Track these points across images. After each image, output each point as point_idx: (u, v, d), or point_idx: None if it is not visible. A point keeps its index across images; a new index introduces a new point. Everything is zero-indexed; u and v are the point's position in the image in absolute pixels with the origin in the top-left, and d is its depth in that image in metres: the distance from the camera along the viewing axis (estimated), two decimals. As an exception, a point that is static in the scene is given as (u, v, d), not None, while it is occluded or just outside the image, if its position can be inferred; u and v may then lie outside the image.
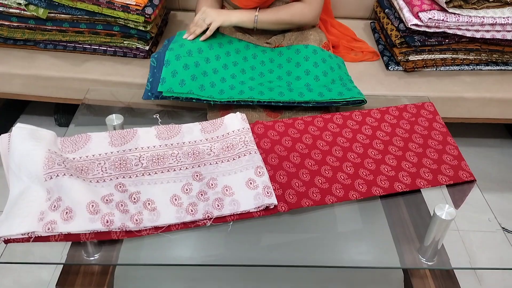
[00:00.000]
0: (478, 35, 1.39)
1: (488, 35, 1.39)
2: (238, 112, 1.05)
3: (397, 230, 0.91)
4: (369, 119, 1.11)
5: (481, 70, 1.50)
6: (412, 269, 0.87)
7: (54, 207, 0.80)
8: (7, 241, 0.78)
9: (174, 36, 1.26)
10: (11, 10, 1.37)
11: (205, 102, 1.13)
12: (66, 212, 0.79)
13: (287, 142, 1.03)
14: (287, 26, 1.32)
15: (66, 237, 0.79)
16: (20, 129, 0.90)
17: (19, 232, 0.77)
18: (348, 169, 0.97)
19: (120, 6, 1.31)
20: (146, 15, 1.34)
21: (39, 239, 0.78)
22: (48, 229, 0.77)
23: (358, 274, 1.27)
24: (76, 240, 0.79)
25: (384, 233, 0.92)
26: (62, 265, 0.86)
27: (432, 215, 0.84)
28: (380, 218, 0.94)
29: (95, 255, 0.82)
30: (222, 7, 1.38)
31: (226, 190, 0.88)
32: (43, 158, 0.85)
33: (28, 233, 0.77)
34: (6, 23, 1.41)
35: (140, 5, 1.31)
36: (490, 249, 0.91)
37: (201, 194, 0.88)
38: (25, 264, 0.85)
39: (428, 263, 0.85)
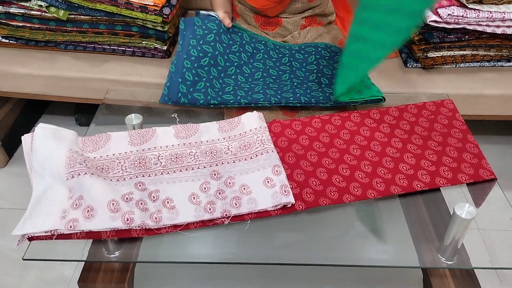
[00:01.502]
0: (499, 30, 1.36)
1: (509, 31, 1.37)
2: (255, 111, 1.06)
3: (416, 229, 0.90)
4: (388, 117, 1.10)
5: (502, 66, 1.48)
6: (432, 269, 0.86)
7: (76, 205, 0.82)
8: (30, 239, 0.80)
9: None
10: (32, 12, 1.40)
11: (222, 106, 1.15)
12: (88, 211, 0.81)
13: (304, 141, 1.02)
14: None
15: (87, 234, 0.80)
16: (42, 129, 0.92)
17: (43, 229, 0.79)
18: (366, 167, 0.96)
19: (138, 6, 1.33)
20: (164, 15, 1.35)
21: (62, 236, 0.80)
22: (70, 227, 0.79)
23: (376, 273, 1.27)
24: (97, 238, 0.81)
25: (403, 232, 0.91)
26: (83, 262, 0.87)
27: (452, 214, 0.83)
28: (398, 217, 0.93)
29: (116, 253, 0.84)
30: (233, 5, 1.39)
31: (244, 188, 0.89)
32: (64, 158, 0.86)
33: (51, 230, 0.79)
34: (28, 25, 1.44)
35: (158, 5, 1.33)
36: (511, 248, 0.89)
37: (219, 193, 0.88)
38: (48, 261, 0.87)
39: (447, 262, 0.84)
